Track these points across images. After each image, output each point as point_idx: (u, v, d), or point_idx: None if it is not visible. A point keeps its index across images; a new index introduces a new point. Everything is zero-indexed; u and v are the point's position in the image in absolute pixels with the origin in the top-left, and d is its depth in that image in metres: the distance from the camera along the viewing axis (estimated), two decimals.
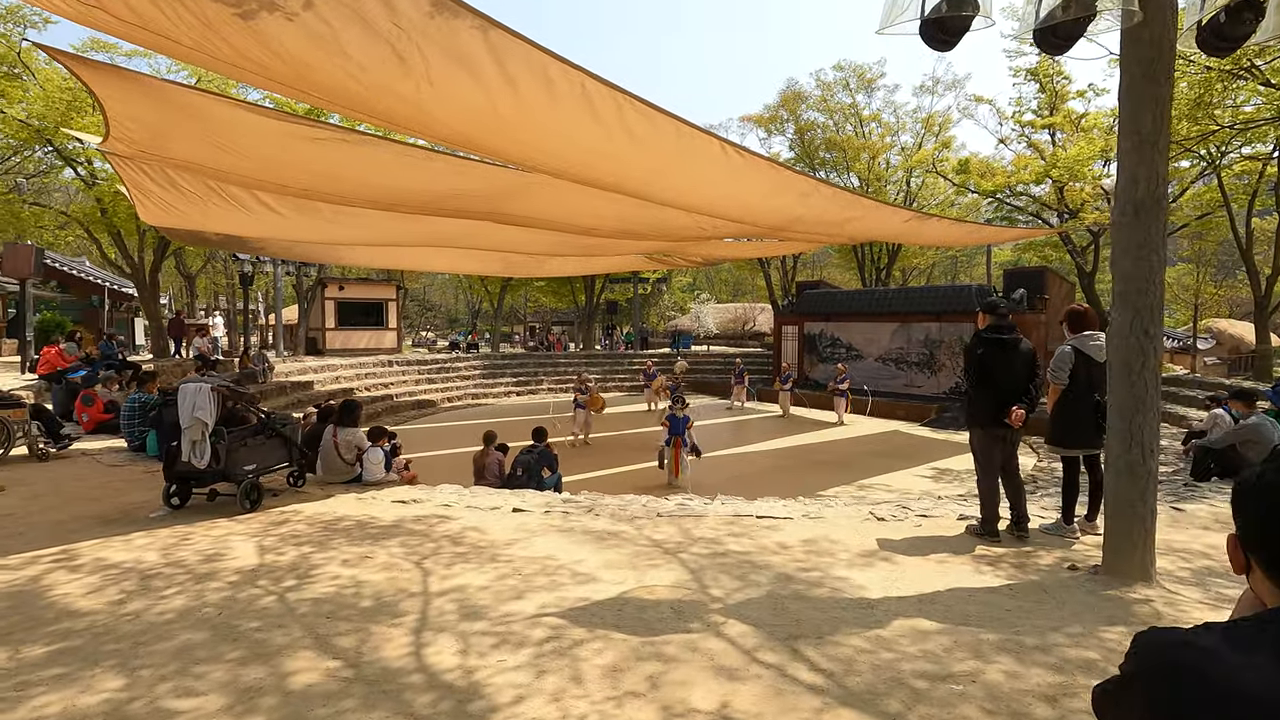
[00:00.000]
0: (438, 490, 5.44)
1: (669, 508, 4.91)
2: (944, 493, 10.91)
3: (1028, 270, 19.67)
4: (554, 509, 4.82)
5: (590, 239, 13.19)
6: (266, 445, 4.97)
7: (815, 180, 8.09)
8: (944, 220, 11.19)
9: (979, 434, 4.36)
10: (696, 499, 5.21)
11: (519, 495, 5.25)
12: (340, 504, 5.01)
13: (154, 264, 17.56)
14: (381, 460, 5.64)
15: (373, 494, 5.30)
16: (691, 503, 5.13)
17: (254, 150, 7.32)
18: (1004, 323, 4.28)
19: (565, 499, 5.13)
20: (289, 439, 5.18)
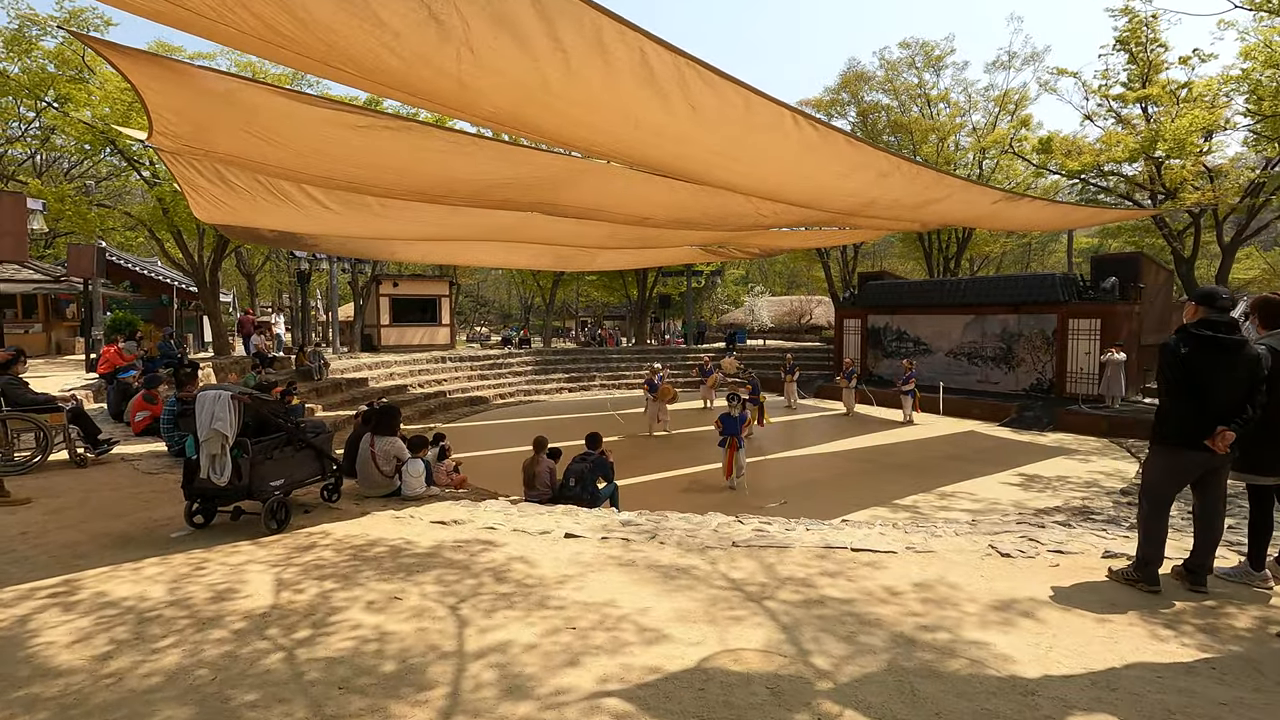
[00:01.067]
0: (482, 508, 4.88)
1: (745, 535, 4.21)
2: (1035, 503, 9.85)
3: (1120, 256, 18.03)
4: (612, 534, 4.18)
5: (644, 230, 12.56)
6: (296, 458, 4.50)
7: (897, 157, 7.22)
8: (1036, 201, 10.08)
9: (1164, 456, 3.39)
10: (776, 523, 4.49)
11: (572, 515, 4.64)
12: (375, 524, 4.50)
13: (213, 262, 17.78)
14: (422, 473, 5.13)
15: (411, 511, 4.78)
16: (770, 528, 4.41)
17: (295, 140, 6.92)
18: (1223, 318, 3.24)
19: (624, 521, 4.49)
20: (321, 450, 4.70)
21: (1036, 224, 12.21)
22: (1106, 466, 12.29)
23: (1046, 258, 39.53)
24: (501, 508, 4.84)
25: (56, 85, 15.06)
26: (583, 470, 6.35)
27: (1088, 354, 16.91)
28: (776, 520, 4.66)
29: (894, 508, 9.69)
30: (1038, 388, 18.40)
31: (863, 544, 3.96)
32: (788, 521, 4.79)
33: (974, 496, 10.32)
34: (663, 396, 14.62)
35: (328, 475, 4.83)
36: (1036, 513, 9.17)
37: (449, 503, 4.99)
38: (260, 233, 13.38)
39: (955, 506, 9.75)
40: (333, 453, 4.91)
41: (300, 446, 4.54)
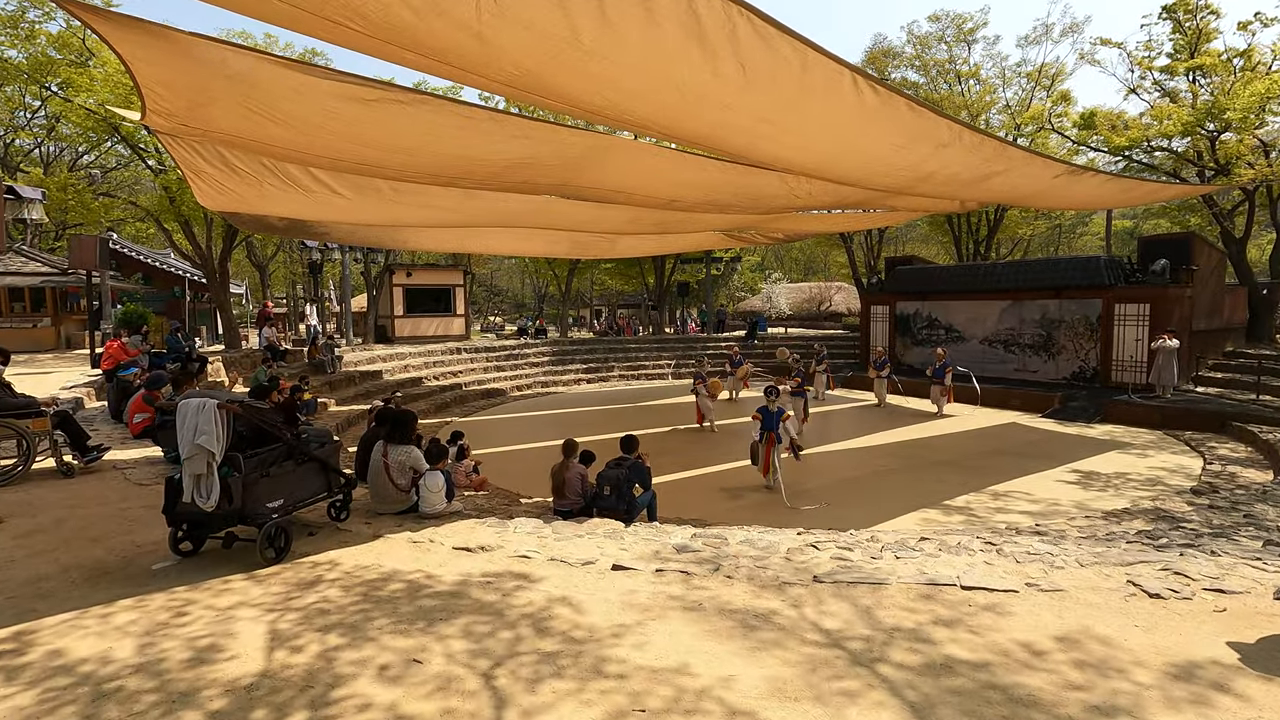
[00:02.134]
0: (511, 528, 4.24)
1: (825, 565, 3.54)
2: (1099, 504, 9.09)
3: (1170, 237, 17.05)
4: (668, 565, 3.53)
5: (668, 214, 11.86)
6: (297, 474, 3.87)
7: (959, 125, 6.45)
8: (1100, 175, 9.22)
9: None
10: (858, 551, 3.81)
11: (616, 538, 3.99)
12: (390, 550, 3.87)
13: (223, 253, 17.28)
14: (442, 487, 4.50)
15: (431, 533, 4.14)
16: (852, 556, 3.73)
17: (299, 116, 6.28)
18: None
19: (679, 547, 3.83)
20: (326, 463, 4.08)
21: (1094, 201, 11.33)
22: (1167, 462, 11.47)
23: (1075, 240, 38.26)
24: (533, 529, 4.21)
25: (58, 70, 14.54)
26: (618, 477, 5.71)
27: (1139, 340, 16.00)
28: (859, 548, 3.97)
29: (945, 510, 8.97)
30: (1080, 376, 17.51)
31: (974, 580, 3.27)
32: (873, 548, 4.10)
33: (1030, 496, 9.57)
34: (712, 391, 14.08)
35: (335, 491, 4.22)
36: (1106, 516, 8.42)
37: (473, 522, 4.35)
38: (269, 221, 12.81)
39: (1012, 508, 9.01)
40: (340, 465, 4.29)
41: (302, 460, 3.92)
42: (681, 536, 4.09)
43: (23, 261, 19.03)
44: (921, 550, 3.82)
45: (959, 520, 8.49)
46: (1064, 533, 7.19)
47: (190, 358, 12.98)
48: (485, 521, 4.37)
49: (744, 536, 4.33)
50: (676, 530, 4.55)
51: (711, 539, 4.03)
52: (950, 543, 4.02)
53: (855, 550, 3.80)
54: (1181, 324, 15.86)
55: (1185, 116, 15.74)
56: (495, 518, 4.65)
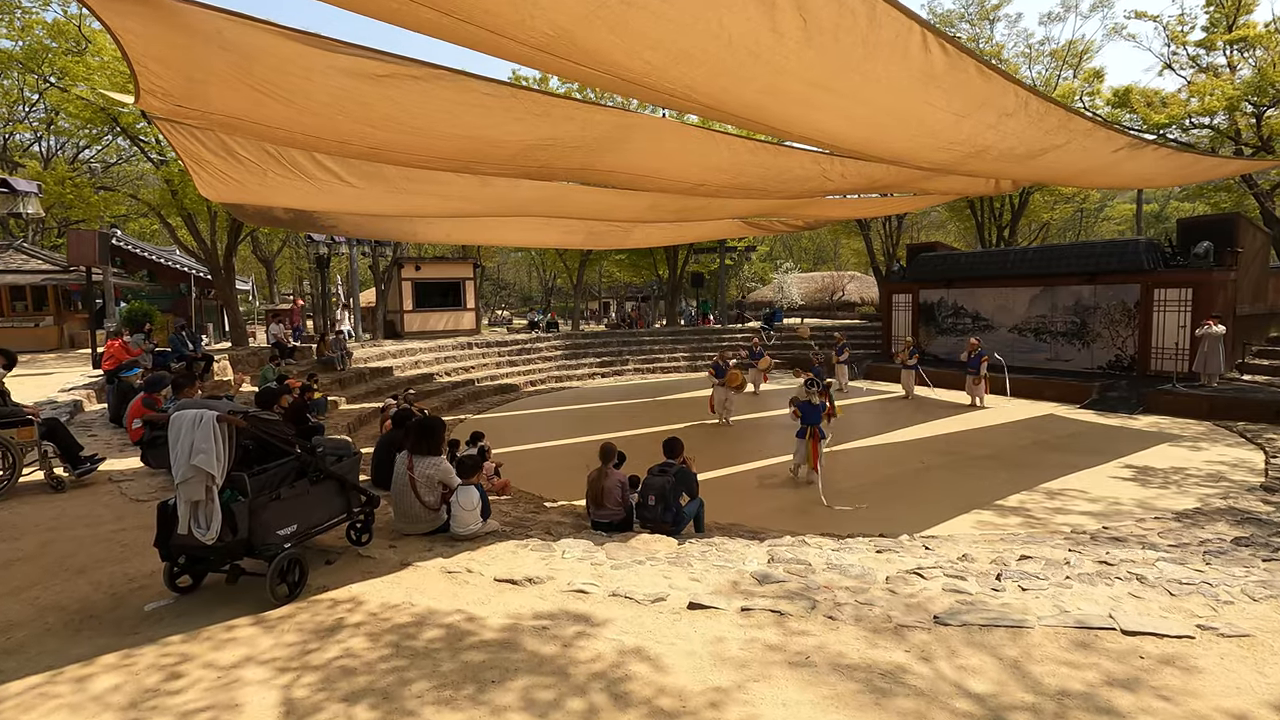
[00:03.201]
0: (559, 552, 3.68)
1: (940, 600, 2.96)
2: (1163, 503, 8.47)
3: (1213, 219, 16.28)
4: (753, 601, 2.96)
5: (689, 200, 11.28)
6: (312, 494, 3.32)
7: (1027, 90, 5.84)
8: (1161, 149, 8.52)
9: None
10: (972, 580, 3.23)
11: (683, 565, 3.42)
12: (421, 583, 3.31)
13: (228, 248, 16.76)
14: (477, 505, 3.93)
15: (467, 560, 3.58)
16: (966, 587, 3.15)
17: (304, 94, 5.71)
18: None
19: (760, 576, 3.26)
20: (345, 480, 3.53)
21: (1147, 178, 10.63)
22: (1225, 455, 10.82)
23: (1096, 225, 37.32)
24: (584, 553, 3.64)
25: (54, 59, 14.00)
26: (663, 485, 5.14)
27: (1183, 327, 15.29)
28: (971, 577, 3.38)
29: (999, 510, 8.38)
30: (1116, 365, 16.82)
31: (1132, 621, 2.68)
32: (988, 574, 3.51)
33: (1086, 495, 8.96)
34: (731, 383, 13.47)
35: (355, 512, 3.66)
36: (1179, 517, 7.80)
37: (513, 545, 3.79)
38: (274, 213, 12.30)
39: (1071, 509, 8.41)
40: (360, 481, 3.73)
41: (318, 478, 3.37)
42: (757, 561, 3.52)
43: (24, 259, 18.57)
44: (1047, 579, 3.23)
45: (1016, 522, 7.91)
46: (1145, 538, 6.60)
47: (195, 356, 12.48)
48: (527, 544, 3.81)
49: (823, 557, 3.76)
50: (748, 550, 3.98)
51: (793, 564, 3.46)
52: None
53: (969, 579, 3.22)
54: (1225, 309, 15.15)
55: (1230, 90, 14.97)
56: (536, 538, 4.09)
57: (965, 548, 5.06)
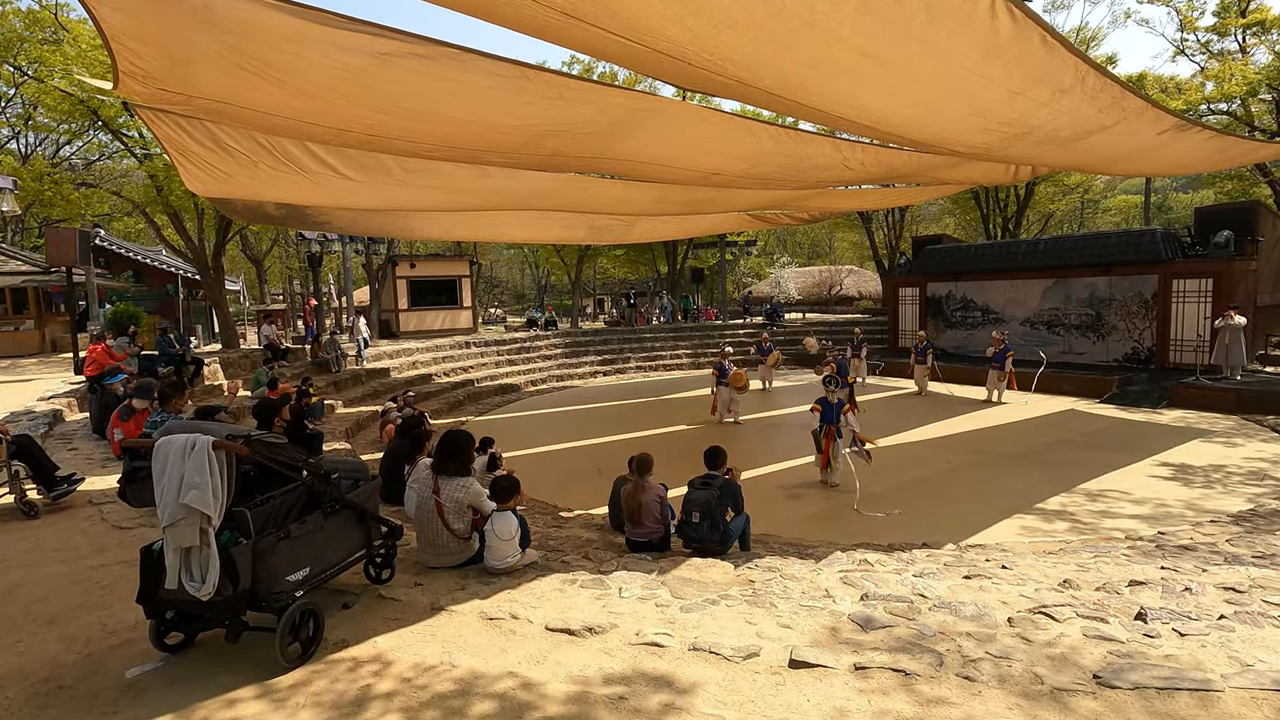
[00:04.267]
0: (615, 588, 3.16)
1: (1090, 651, 2.46)
2: (1212, 504, 8.04)
3: (1233, 207, 15.91)
4: (864, 653, 2.46)
5: (698, 192, 10.81)
6: (327, 529, 2.79)
7: (1087, 63, 5.38)
8: (1205, 131, 8.07)
9: None
10: (1115, 622, 2.74)
11: (763, 605, 2.91)
12: (459, 634, 2.78)
13: (216, 246, 16.09)
14: (515, 533, 3.37)
15: (509, 602, 3.06)
16: (1111, 630, 2.66)
17: (297, 73, 5.14)
18: None
19: (862, 619, 2.75)
20: (364, 510, 3.00)
21: (1186, 163, 10.19)
22: (1263, 451, 10.43)
23: (1096, 217, 37.07)
24: (644, 589, 3.12)
25: (29, 50, 13.30)
26: (709, 501, 4.63)
27: (1206, 319, 14.90)
28: (1120, 615, 2.89)
29: (1042, 515, 7.94)
30: (1133, 358, 16.45)
31: None
32: (1128, 610, 3.02)
33: (1129, 496, 8.52)
34: (735, 382, 13.02)
35: (375, 545, 3.13)
36: (1235, 520, 7.38)
37: (558, 580, 3.26)
38: (264, 208, 11.71)
39: (1117, 512, 7.97)
40: (379, 510, 3.20)
41: (333, 509, 2.84)
42: (849, 600, 3.01)
43: (2, 260, 17.83)
44: (1201, 620, 2.74)
45: (1063, 528, 7.46)
46: (1215, 545, 6.16)
47: (184, 360, 11.87)
48: (575, 578, 3.28)
49: (906, 584, 3.27)
50: (816, 576, 3.48)
51: (891, 601, 2.96)
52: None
53: (1111, 621, 2.73)
54: (1246, 300, 14.78)
55: (1251, 75, 14.58)
56: (582, 570, 3.58)
57: (1045, 567, 4.59)
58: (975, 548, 6.84)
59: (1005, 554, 6.16)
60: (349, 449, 10.52)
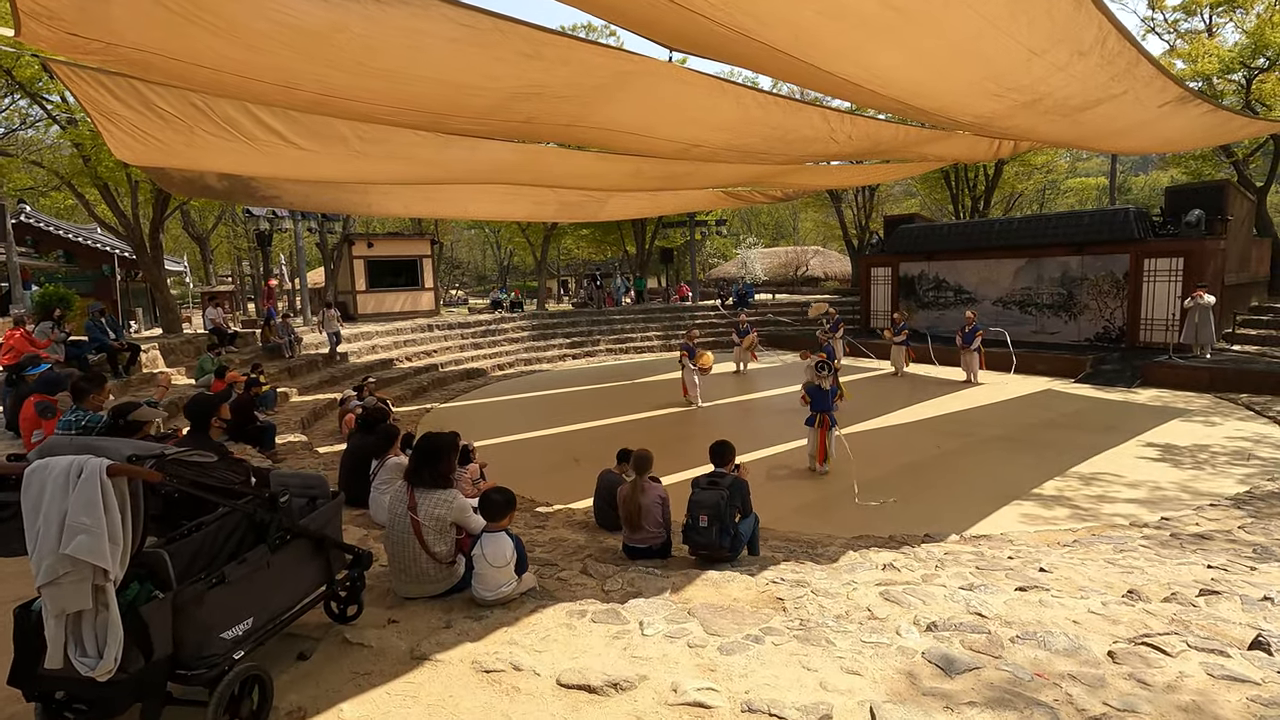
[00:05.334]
0: (634, 621, 2.61)
1: (1229, 699, 2.03)
2: (1205, 486, 7.92)
3: (1204, 186, 15.99)
4: (959, 710, 1.98)
5: (676, 166, 10.23)
6: (274, 569, 2.19)
7: (1111, 22, 4.99)
8: (1204, 105, 7.80)
9: None
10: (1237, 656, 2.33)
11: (816, 643, 2.40)
12: (448, 696, 2.20)
13: (154, 223, 14.86)
14: (511, 559, 2.74)
15: (508, 645, 2.49)
16: (1234, 667, 2.24)
17: (231, 18, 4.42)
18: None
19: (938, 657, 2.27)
20: (324, 538, 2.39)
21: (1181, 139, 9.98)
22: (1242, 430, 10.44)
23: (1060, 197, 37.59)
24: (668, 624, 2.57)
25: None
26: (718, 503, 4.13)
27: (1179, 297, 14.97)
28: (1214, 634, 2.48)
29: (1040, 501, 7.70)
30: (1104, 337, 16.53)
31: None
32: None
33: (1122, 479, 8.35)
34: (701, 364, 12.87)
35: (336, 579, 2.53)
36: (1236, 503, 7.22)
37: (564, 612, 2.70)
38: (205, 180, 10.72)
39: (1114, 496, 7.78)
40: (342, 532, 2.59)
41: (282, 540, 2.23)
42: (915, 633, 2.53)
43: None
44: None
45: (1064, 515, 7.22)
46: (1231, 533, 5.94)
47: (118, 347, 10.87)
48: (583, 608, 2.72)
49: (957, 601, 2.83)
50: (874, 600, 3.00)
51: (966, 634, 2.49)
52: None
53: (1233, 654, 2.31)
54: (1215, 278, 14.91)
55: (1224, 53, 14.56)
56: (586, 591, 3.04)
57: (1079, 565, 4.22)
58: (980, 538, 6.52)
59: (1017, 546, 5.84)
60: (305, 440, 9.75)
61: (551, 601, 2.84)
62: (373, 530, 4.75)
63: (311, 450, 9.08)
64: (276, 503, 2.18)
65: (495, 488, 2.90)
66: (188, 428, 3.46)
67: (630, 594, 3.36)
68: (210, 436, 3.37)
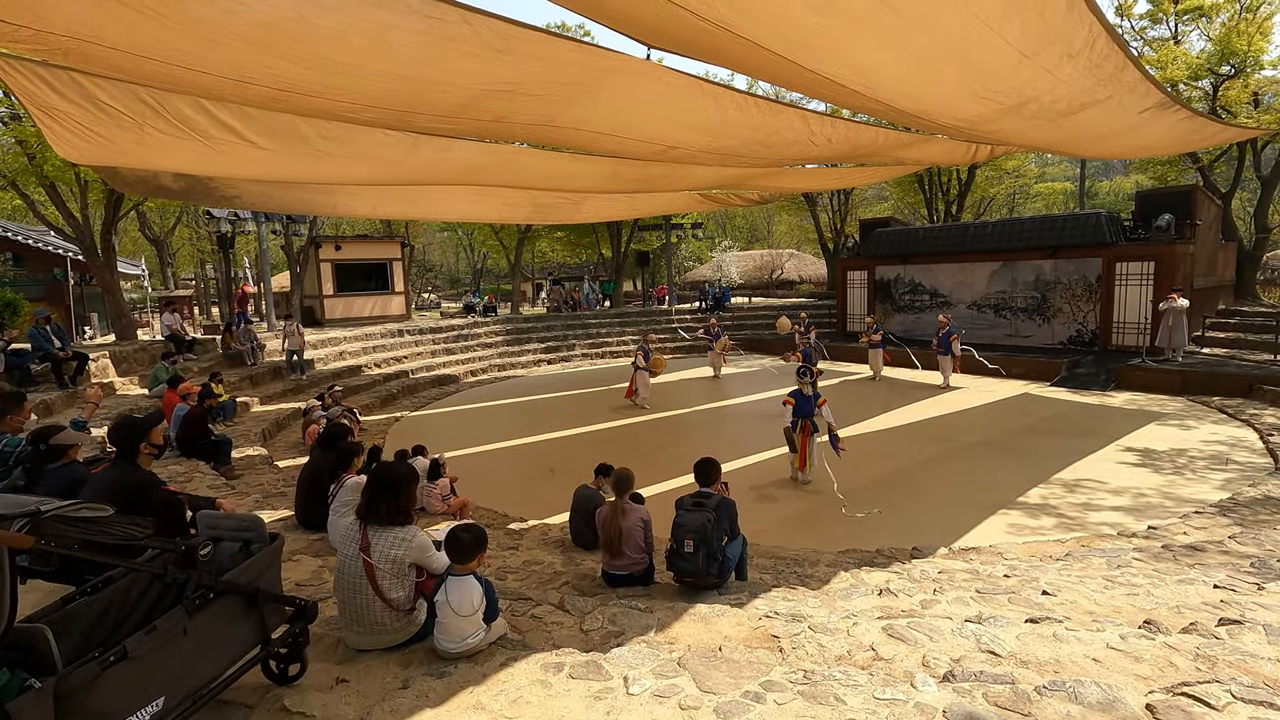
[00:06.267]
0: (616, 677, 2.31)
1: None
2: (1186, 492, 7.88)
3: (1173, 191, 16.18)
4: None
5: (654, 168, 10.01)
6: (193, 635, 1.85)
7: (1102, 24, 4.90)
8: (1182, 111, 7.78)
9: None
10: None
11: (827, 701, 2.14)
12: None
13: (105, 224, 14.16)
14: (479, 607, 2.38)
15: (475, 710, 2.18)
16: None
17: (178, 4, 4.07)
18: None
19: (964, 717, 2.02)
20: (258, 593, 2.05)
21: (1155, 145, 10.03)
22: (1218, 433, 10.47)
23: (1029, 201, 38.15)
24: (655, 675, 2.28)
25: None
26: (704, 525, 3.84)
27: (1151, 301, 15.10)
28: (1259, 677, 2.26)
29: (1026, 510, 7.57)
30: (1078, 340, 16.65)
31: None
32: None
33: (1105, 485, 8.27)
34: (655, 367, 13.29)
35: (272, 639, 2.19)
36: (1221, 510, 7.14)
37: (539, 665, 2.38)
38: (159, 180, 10.18)
39: (1099, 504, 7.68)
40: (280, 582, 2.25)
41: (203, 600, 1.89)
42: (932, 685, 2.27)
43: None
44: None
45: (1051, 524, 7.09)
46: (1224, 545, 5.82)
47: (64, 356, 10.26)
48: (560, 660, 2.41)
49: (966, 636, 2.58)
50: (877, 637, 2.74)
51: (988, 685, 2.24)
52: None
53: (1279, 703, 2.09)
54: (1185, 282, 15.08)
55: (1192, 60, 14.75)
56: (569, 637, 2.72)
57: (1077, 584, 4.02)
58: (970, 551, 6.35)
59: (1011, 562, 5.66)
60: (265, 454, 9.26)
61: (524, 651, 2.52)
62: (329, 558, 4.38)
63: (271, 465, 8.61)
64: (195, 556, 1.84)
65: (463, 525, 2.57)
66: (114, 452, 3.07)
67: (612, 633, 3.06)
68: (139, 465, 2.99)
